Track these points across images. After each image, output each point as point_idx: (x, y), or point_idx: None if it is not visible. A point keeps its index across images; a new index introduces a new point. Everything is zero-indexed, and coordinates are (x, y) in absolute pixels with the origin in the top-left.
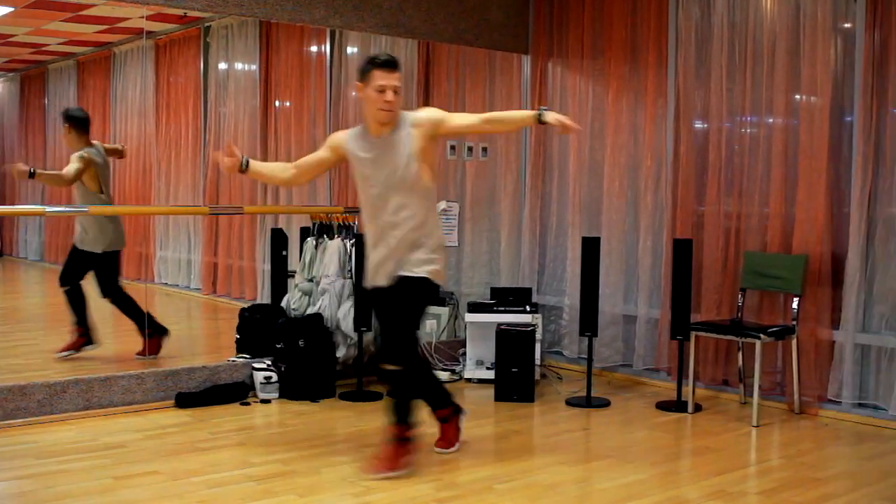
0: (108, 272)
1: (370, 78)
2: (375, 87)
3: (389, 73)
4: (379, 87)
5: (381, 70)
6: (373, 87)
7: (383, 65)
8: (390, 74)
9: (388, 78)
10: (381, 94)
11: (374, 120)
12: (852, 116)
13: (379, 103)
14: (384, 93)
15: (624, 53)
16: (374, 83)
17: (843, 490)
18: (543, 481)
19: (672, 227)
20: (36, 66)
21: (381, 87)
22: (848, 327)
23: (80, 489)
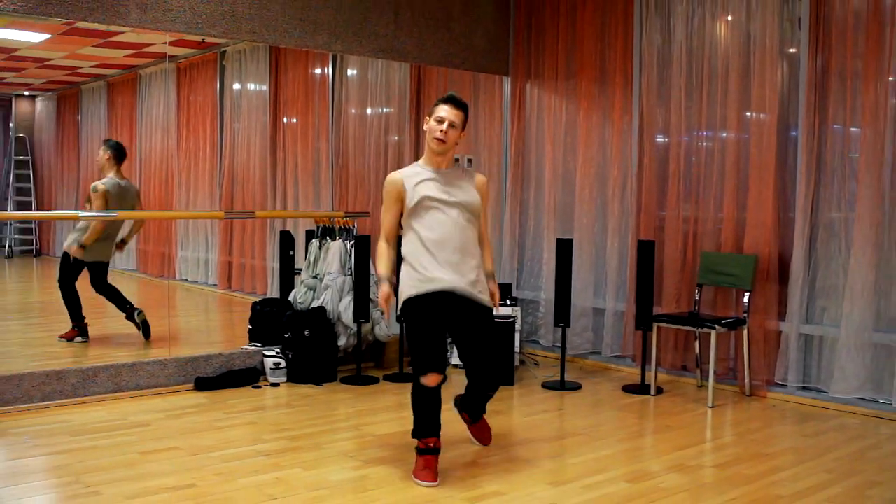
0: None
1: (435, 110)
2: (436, 116)
3: (452, 108)
4: (438, 118)
5: (446, 104)
6: (434, 117)
7: (449, 100)
8: (452, 109)
9: (448, 111)
10: (439, 124)
11: (430, 150)
12: (797, 131)
13: (434, 131)
14: (441, 123)
15: (594, 75)
16: (436, 114)
17: (788, 464)
18: (522, 456)
19: (636, 230)
20: (70, 87)
21: (440, 118)
22: (793, 319)
23: (109, 463)
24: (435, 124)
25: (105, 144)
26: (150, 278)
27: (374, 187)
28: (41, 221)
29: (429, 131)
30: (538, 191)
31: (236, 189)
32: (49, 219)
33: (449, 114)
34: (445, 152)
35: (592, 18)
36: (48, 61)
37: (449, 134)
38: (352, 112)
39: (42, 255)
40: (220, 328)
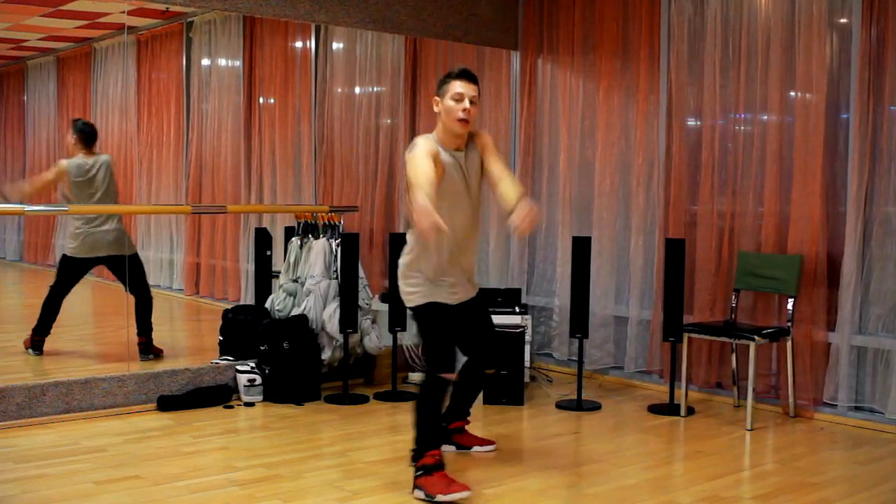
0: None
1: (447, 88)
2: (453, 94)
3: (468, 83)
4: (457, 96)
5: (459, 80)
6: (450, 96)
7: (461, 75)
8: (469, 84)
9: (466, 87)
10: (459, 103)
11: (451, 132)
12: (848, 114)
13: (456, 112)
14: (462, 101)
15: (615, 49)
16: (451, 91)
17: (838, 495)
18: (533, 486)
19: (664, 227)
20: (15, 63)
21: (459, 94)
22: (844, 329)
23: (59, 494)
24: (453, 103)
25: (72, 126)
26: (106, 282)
27: (362, 178)
28: None
29: (446, 112)
30: (551, 182)
31: (205, 180)
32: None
33: (467, 89)
34: (465, 136)
35: None
36: None
37: (472, 112)
38: (338, 91)
39: None
40: (187, 339)
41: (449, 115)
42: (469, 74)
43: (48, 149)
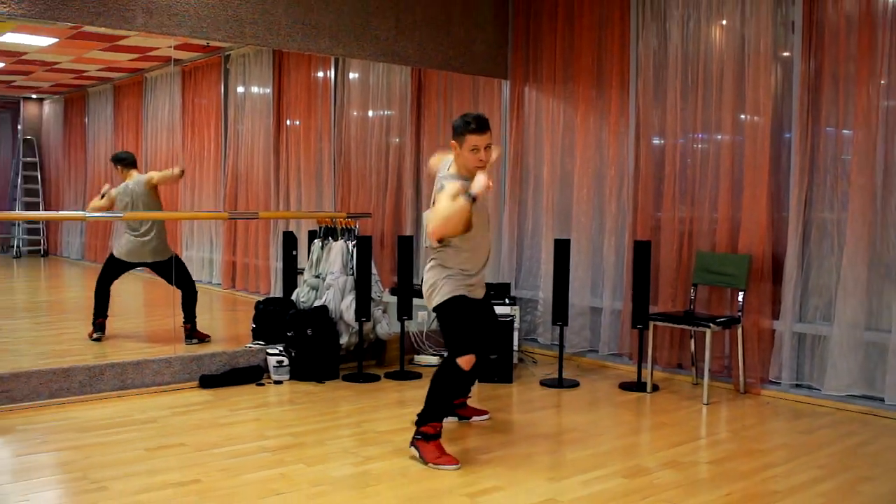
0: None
1: (464, 140)
2: (469, 147)
3: (482, 135)
4: (473, 148)
5: (474, 135)
6: (467, 149)
7: (476, 129)
8: (483, 135)
9: (481, 140)
10: (475, 154)
11: (469, 172)
12: (790, 133)
13: (475, 162)
14: (478, 152)
15: (590, 78)
16: (467, 145)
17: (782, 460)
18: (520, 452)
19: (633, 230)
20: (77, 90)
21: (475, 147)
22: (786, 318)
23: (116, 459)
24: (470, 154)
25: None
26: (156, 278)
27: (375, 188)
28: (48, 222)
29: (465, 159)
30: (536, 191)
31: (240, 190)
32: (56, 219)
33: (482, 141)
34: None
35: (590, 23)
36: (55, 65)
37: (485, 157)
38: (353, 114)
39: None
40: (224, 327)
41: (468, 161)
42: (482, 124)
43: (106, 165)
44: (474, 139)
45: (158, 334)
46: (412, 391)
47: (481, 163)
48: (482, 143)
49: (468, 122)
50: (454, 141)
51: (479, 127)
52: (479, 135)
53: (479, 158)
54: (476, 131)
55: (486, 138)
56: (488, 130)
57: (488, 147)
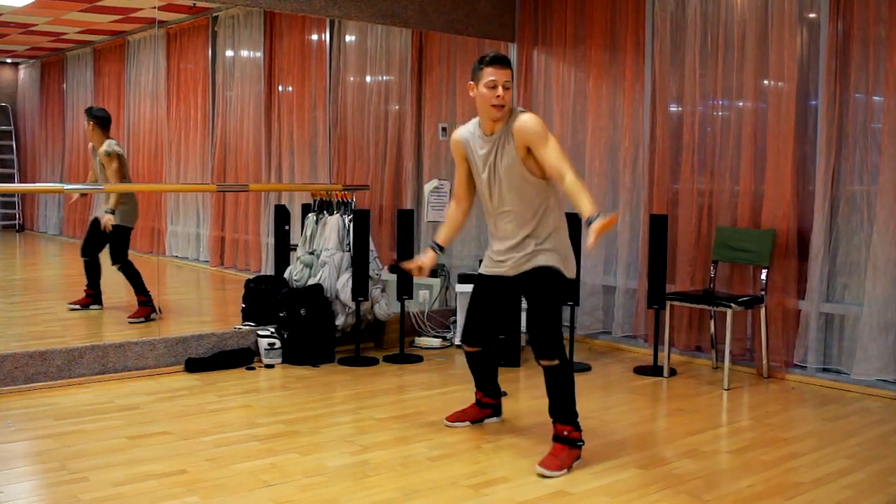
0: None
1: (481, 75)
2: (486, 82)
3: (500, 70)
4: (490, 83)
5: (492, 66)
6: (484, 83)
7: (493, 61)
8: (500, 70)
9: (498, 73)
10: (493, 90)
11: (487, 117)
12: (817, 100)
13: (491, 99)
14: (495, 88)
15: (604, 41)
16: (484, 79)
17: (807, 449)
18: (529, 441)
19: (649, 204)
20: (55, 54)
21: (492, 82)
22: (813, 297)
23: (96, 448)
24: (487, 91)
25: (87, 115)
26: (139, 254)
27: (373, 159)
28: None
29: (481, 98)
30: None
31: (229, 161)
32: (33, 192)
33: (499, 75)
34: (505, 117)
35: None
36: (32, 27)
37: (505, 97)
38: (350, 80)
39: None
40: (212, 307)
41: (484, 101)
42: (501, 60)
43: (85, 133)
44: (491, 71)
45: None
46: (412, 375)
47: (499, 100)
48: (500, 77)
49: (485, 56)
50: (472, 81)
51: (496, 60)
52: (496, 67)
53: (496, 95)
54: (492, 63)
55: (505, 74)
56: (509, 68)
57: (507, 87)
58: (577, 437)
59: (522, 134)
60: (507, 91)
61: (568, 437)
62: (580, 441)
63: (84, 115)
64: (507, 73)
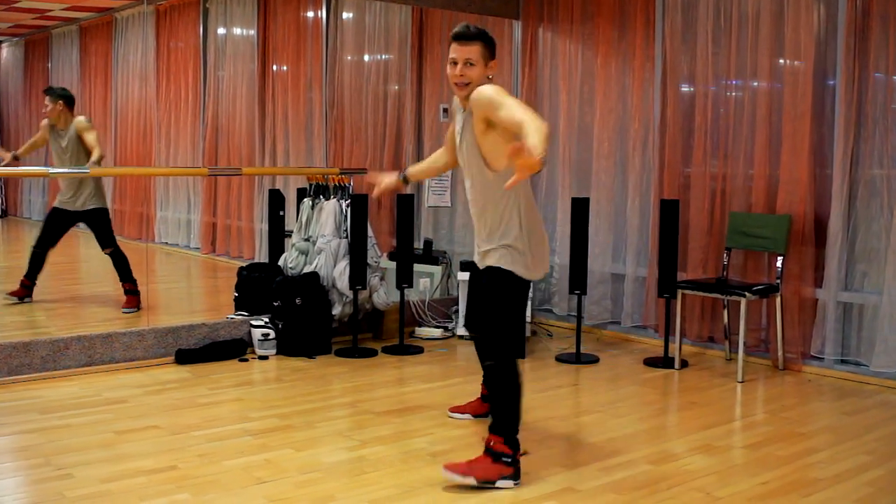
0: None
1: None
2: (449, 59)
3: (461, 46)
4: (451, 59)
5: (454, 42)
6: (449, 60)
7: (455, 37)
8: (461, 47)
9: (458, 50)
10: (453, 67)
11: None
12: (835, 80)
13: (451, 77)
14: (455, 65)
15: (612, 18)
16: (449, 57)
17: (825, 444)
18: (534, 436)
19: (659, 188)
20: (39, 32)
21: (452, 59)
22: (830, 285)
23: (82, 443)
24: (450, 69)
25: (53, 94)
26: (127, 241)
27: (371, 141)
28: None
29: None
30: (552, 146)
31: (221, 143)
32: (15, 175)
33: (460, 53)
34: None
35: None
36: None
37: (468, 73)
38: (347, 59)
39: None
40: (204, 296)
41: (450, 80)
42: (462, 35)
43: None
44: (452, 48)
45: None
46: (412, 367)
47: (459, 78)
48: (461, 54)
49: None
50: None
51: (457, 35)
52: (457, 43)
53: (455, 73)
54: (454, 38)
55: (467, 51)
56: (468, 42)
57: (470, 63)
58: (505, 451)
59: (477, 106)
60: (469, 68)
61: (493, 448)
62: (507, 457)
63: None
64: (470, 50)
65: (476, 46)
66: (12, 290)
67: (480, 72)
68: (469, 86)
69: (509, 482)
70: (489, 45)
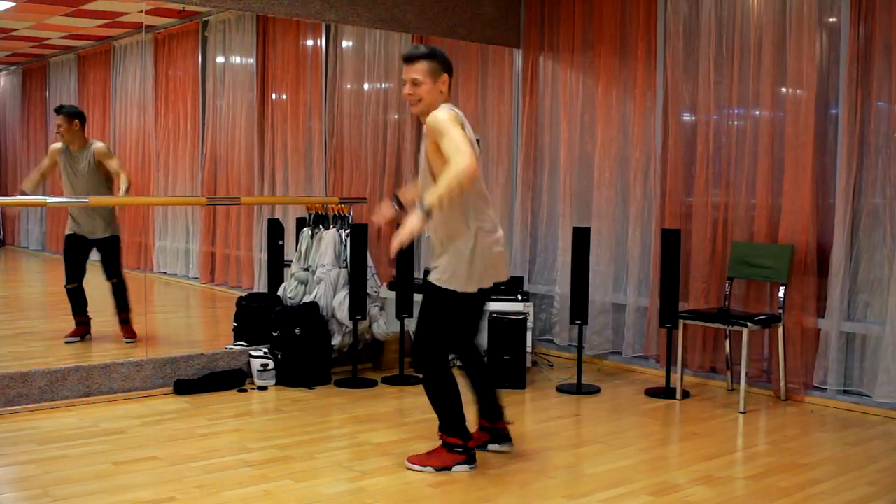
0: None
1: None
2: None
3: (407, 66)
4: (402, 81)
5: (403, 64)
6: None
7: (402, 59)
8: (408, 67)
9: (406, 71)
10: (404, 88)
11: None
12: (837, 109)
13: (404, 97)
14: (405, 85)
15: (613, 47)
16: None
17: (828, 475)
18: (534, 466)
19: (661, 218)
20: (37, 60)
21: (402, 80)
22: (833, 315)
23: (80, 474)
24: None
25: (66, 113)
26: (126, 271)
27: (371, 170)
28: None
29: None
30: (552, 175)
31: (220, 173)
32: (13, 205)
33: (407, 73)
34: (424, 112)
35: None
36: (12, 31)
37: (416, 92)
38: (347, 88)
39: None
40: (203, 326)
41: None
42: (408, 56)
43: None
44: (404, 70)
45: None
46: (413, 398)
47: (407, 96)
48: (407, 74)
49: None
50: None
51: (404, 57)
52: (404, 65)
53: (405, 92)
54: (403, 61)
55: (412, 71)
56: (413, 62)
57: (417, 83)
58: (456, 442)
59: (430, 129)
60: (417, 86)
61: (446, 441)
62: (458, 447)
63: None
64: (415, 69)
65: (421, 65)
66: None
67: (429, 88)
68: (421, 102)
69: (464, 467)
70: (436, 60)
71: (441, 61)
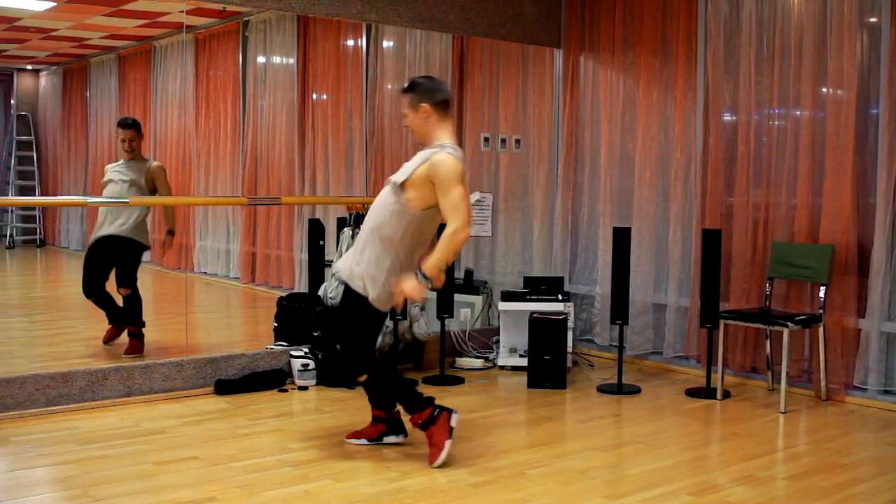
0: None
1: None
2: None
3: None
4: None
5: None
6: None
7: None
8: (401, 100)
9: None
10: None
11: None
12: (878, 109)
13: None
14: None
15: (654, 47)
16: None
17: (868, 475)
18: (575, 466)
19: (701, 218)
20: (78, 60)
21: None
22: (874, 315)
23: (121, 474)
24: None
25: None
26: (166, 271)
27: None
28: (46, 209)
29: None
30: (593, 175)
31: (260, 173)
32: (54, 205)
33: (402, 106)
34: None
35: None
36: (53, 32)
37: (406, 122)
38: (388, 88)
39: (46, 245)
40: (243, 326)
41: None
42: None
43: (110, 143)
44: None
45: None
46: (453, 398)
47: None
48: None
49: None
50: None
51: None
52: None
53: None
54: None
55: (402, 104)
56: (402, 96)
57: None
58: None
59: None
60: (406, 117)
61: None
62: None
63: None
64: (403, 102)
65: (404, 98)
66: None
67: (413, 118)
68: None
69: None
70: (414, 92)
71: (420, 92)
